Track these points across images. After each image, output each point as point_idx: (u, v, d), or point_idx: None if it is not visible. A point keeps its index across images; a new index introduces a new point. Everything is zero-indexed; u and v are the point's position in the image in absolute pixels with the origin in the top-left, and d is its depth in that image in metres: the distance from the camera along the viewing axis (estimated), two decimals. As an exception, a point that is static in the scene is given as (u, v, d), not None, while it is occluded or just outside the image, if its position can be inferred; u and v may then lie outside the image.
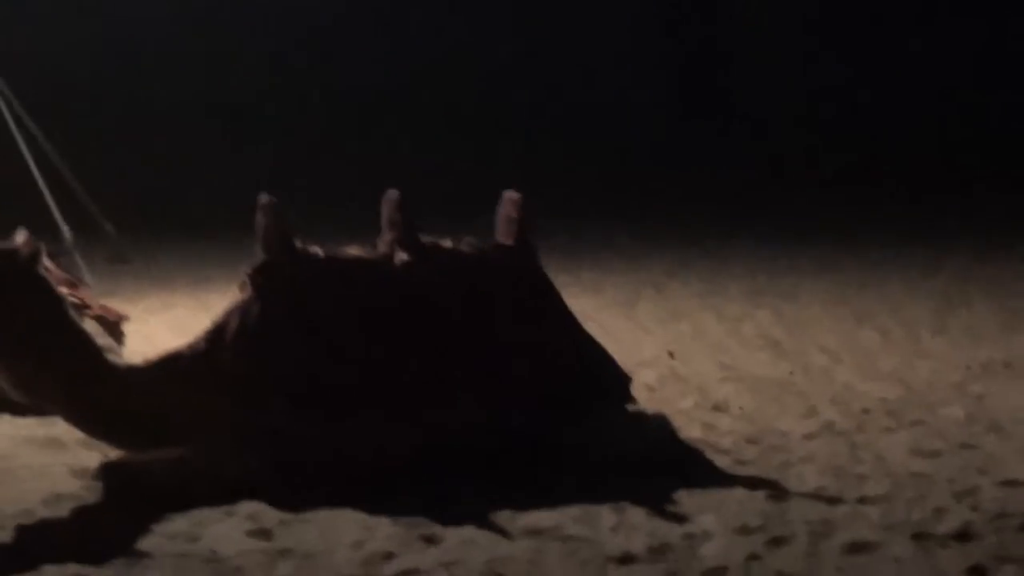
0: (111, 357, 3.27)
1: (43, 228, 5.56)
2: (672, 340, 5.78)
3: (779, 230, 9.44)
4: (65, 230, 6.55)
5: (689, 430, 4.04)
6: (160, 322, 5.81)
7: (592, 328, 4.15)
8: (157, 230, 9.12)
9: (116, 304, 5.01)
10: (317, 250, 3.31)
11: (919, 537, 2.86)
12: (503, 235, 3.61)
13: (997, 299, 6.79)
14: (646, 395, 4.26)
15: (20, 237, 3.19)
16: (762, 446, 3.95)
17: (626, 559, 2.70)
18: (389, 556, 2.72)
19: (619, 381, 3.68)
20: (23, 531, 2.93)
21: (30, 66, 10.36)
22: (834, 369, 5.22)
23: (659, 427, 3.75)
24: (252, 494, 3.05)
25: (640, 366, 4.32)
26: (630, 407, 3.76)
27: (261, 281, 3.18)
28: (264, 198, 3.23)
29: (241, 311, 3.18)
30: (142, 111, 13.55)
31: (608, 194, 11.70)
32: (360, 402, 3.19)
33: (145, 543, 2.79)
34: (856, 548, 2.78)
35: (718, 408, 4.48)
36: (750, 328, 6.16)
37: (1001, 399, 4.55)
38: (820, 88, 15.67)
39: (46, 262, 3.30)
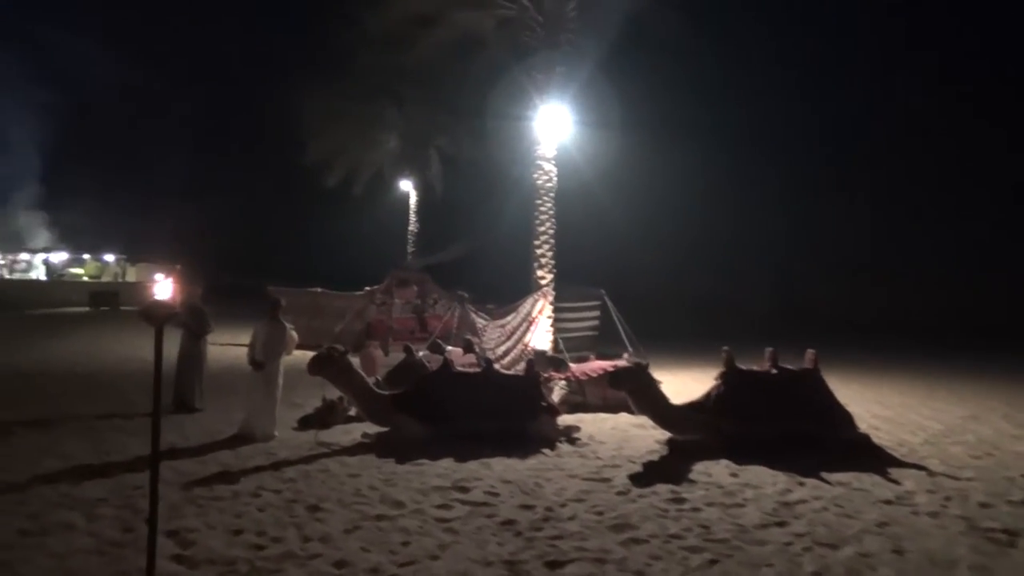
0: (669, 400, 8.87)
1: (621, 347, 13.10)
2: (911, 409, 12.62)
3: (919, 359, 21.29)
4: (631, 350, 13.02)
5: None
6: (675, 382, 12.08)
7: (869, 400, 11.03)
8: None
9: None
10: (741, 366, 8.61)
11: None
12: (807, 363, 8.90)
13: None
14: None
15: (632, 358, 8.84)
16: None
17: (889, 502, 6.95)
18: (789, 490, 7.27)
19: (852, 421, 9.26)
20: (644, 465, 8.21)
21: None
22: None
23: (865, 437, 8.97)
24: (725, 455, 8.18)
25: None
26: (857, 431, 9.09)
27: (722, 377, 8.50)
28: (725, 349, 8.55)
29: (717, 386, 8.55)
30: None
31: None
32: (759, 419, 8.33)
33: (691, 475, 7.82)
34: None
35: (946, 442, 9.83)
36: (941, 402, 13.65)
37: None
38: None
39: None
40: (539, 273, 15.76)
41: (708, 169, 31.46)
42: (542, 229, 15.93)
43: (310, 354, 9.00)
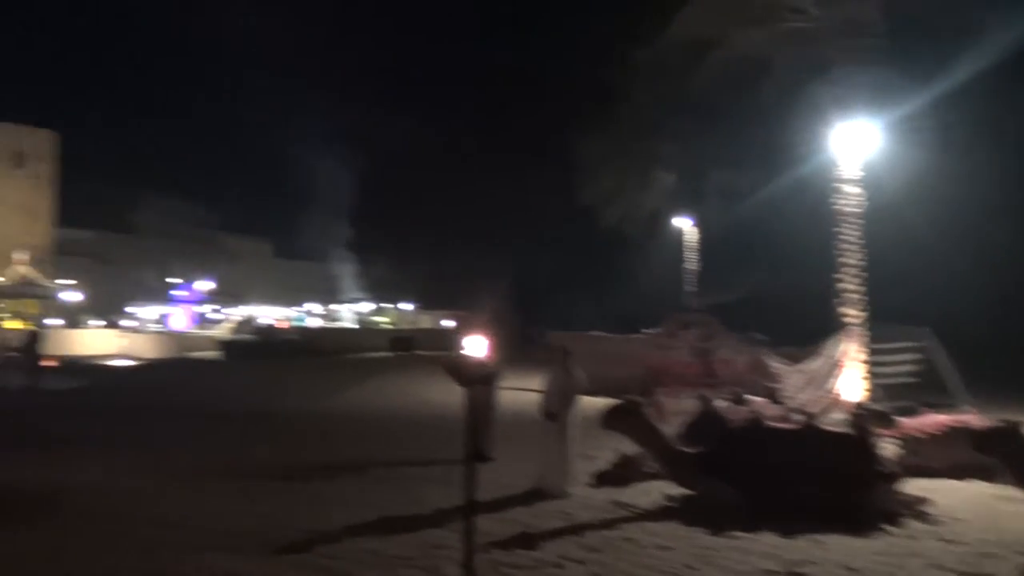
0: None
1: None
2: None
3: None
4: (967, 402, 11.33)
5: None
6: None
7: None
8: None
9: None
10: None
11: None
12: None
13: None
14: None
15: (998, 418, 7.07)
16: None
17: None
18: None
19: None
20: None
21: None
22: None
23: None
24: None
25: None
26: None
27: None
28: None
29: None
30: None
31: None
32: None
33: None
34: None
35: None
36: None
37: None
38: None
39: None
40: (844, 310, 14.08)
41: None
42: (847, 261, 14.17)
43: (591, 400, 8.39)
